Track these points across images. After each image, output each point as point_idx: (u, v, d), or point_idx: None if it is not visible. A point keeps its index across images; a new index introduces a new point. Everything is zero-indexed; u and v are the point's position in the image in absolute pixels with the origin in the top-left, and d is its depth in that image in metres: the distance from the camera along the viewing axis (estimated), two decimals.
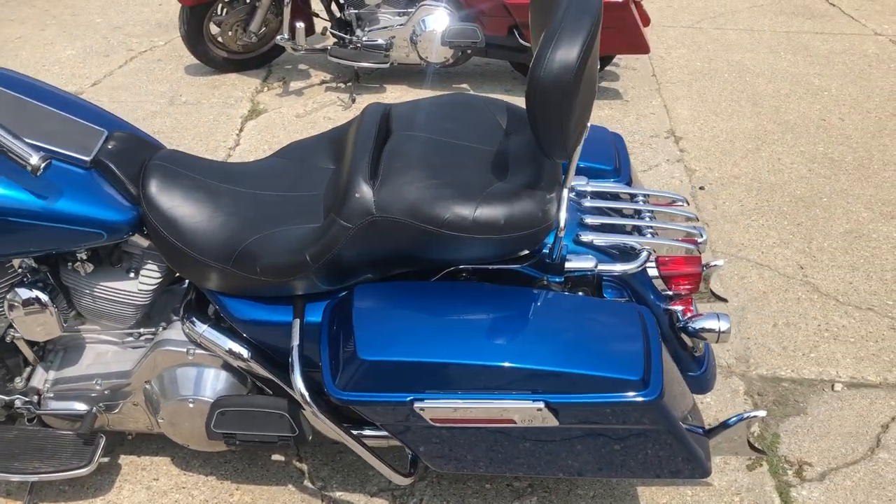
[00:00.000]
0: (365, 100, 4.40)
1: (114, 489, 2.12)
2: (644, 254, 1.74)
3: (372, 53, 4.36)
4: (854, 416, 2.44)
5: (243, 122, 4.16)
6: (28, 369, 2.01)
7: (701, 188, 3.63)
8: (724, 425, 1.89)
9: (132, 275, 1.86)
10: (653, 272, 1.84)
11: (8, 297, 1.78)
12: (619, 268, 1.72)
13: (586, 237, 1.75)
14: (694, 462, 1.73)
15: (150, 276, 1.86)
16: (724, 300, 2.35)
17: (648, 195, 1.92)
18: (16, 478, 1.87)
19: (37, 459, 1.90)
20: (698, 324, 1.82)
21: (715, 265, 2.19)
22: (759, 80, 4.80)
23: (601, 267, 1.72)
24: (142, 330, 1.95)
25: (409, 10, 4.31)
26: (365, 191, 1.59)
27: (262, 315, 1.75)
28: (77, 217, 1.68)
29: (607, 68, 4.79)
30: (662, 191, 1.98)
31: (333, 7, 4.44)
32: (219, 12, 4.42)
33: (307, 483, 2.15)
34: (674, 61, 5.05)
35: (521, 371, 1.54)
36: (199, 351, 1.85)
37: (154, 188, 1.73)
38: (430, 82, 4.60)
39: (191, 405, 1.86)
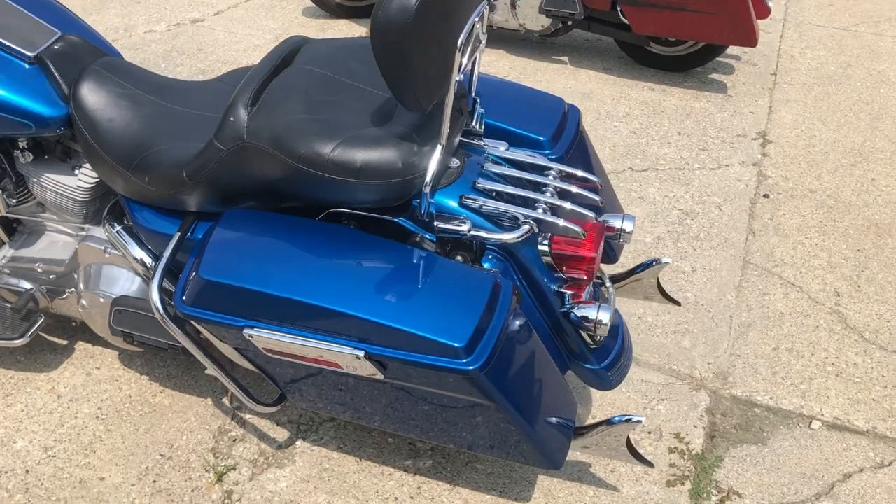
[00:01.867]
0: None
1: (59, 368, 2.32)
2: (525, 227, 1.67)
3: None
4: (819, 458, 2.22)
5: None
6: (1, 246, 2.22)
7: (765, 196, 3.36)
8: (608, 423, 1.79)
9: (76, 172, 2.01)
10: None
11: None
12: (492, 235, 1.66)
13: (472, 200, 1.70)
14: (538, 451, 1.66)
15: (88, 175, 1.99)
16: (677, 303, 2.21)
17: (564, 172, 1.82)
18: None
19: None
20: (577, 311, 1.73)
21: (664, 262, 2.06)
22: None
23: (474, 232, 1.66)
24: (90, 225, 2.10)
25: None
26: (241, 116, 1.63)
27: (155, 224, 1.84)
28: (7, 105, 1.83)
29: (720, 59, 4.51)
30: (583, 172, 1.86)
31: None
32: None
33: (225, 401, 2.25)
34: (805, 62, 4.65)
35: (345, 316, 1.54)
36: (113, 251, 1.97)
37: (83, 90, 1.85)
38: (529, 50, 4.53)
39: (101, 300, 1.99)
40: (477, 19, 1.55)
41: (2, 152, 2.01)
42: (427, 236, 1.71)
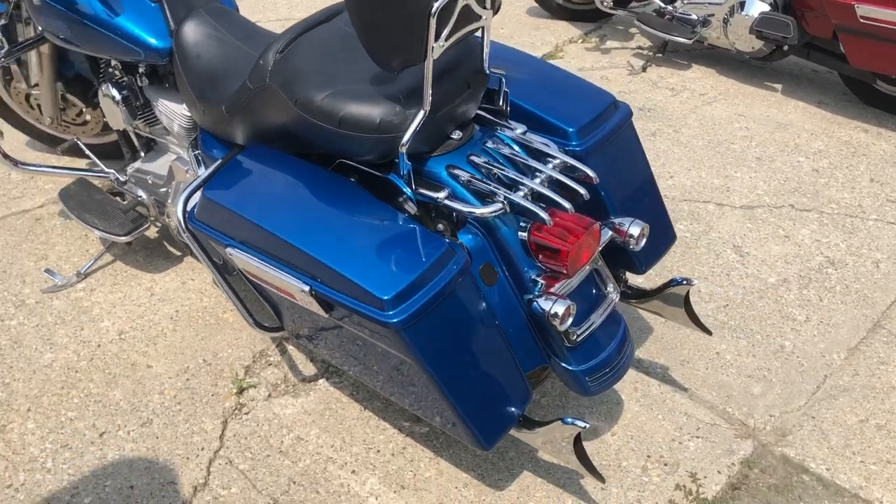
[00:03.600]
0: (661, 72, 4.28)
1: (163, 272, 2.68)
2: (497, 205, 1.67)
3: (680, 27, 4.20)
4: None
5: None
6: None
7: None
8: (561, 421, 1.74)
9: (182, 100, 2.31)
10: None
11: (102, 87, 2.37)
12: (463, 208, 1.69)
13: (459, 172, 1.73)
14: (465, 426, 1.66)
15: None
16: (708, 332, 2.05)
17: (566, 164, 1.78)
18: (76, 222, 2.51)
19: (98, 218, 2.50)
20: (538, 301, 1.70)
21: (692, 283, 1.94)
22: None
23: (448, 201, 1.70)
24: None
25: None
26: (269, 60, 1.80)
27: (212, 151, 2.08)
28: (124, 33, 2.16)
29: None
30: (585, 167, 1.79)
31: None
32: None
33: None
34: None
35: (300, 252, 1.65)
36: (192, 172, 2.25)
37: (184, 27, 2.14)
38: (741, 73, 4.28)
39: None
40: None
41: (133, 76, 2.37)
42: (412, 199, 1.77)
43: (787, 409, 2.29)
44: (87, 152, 2.63)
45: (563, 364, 1.82)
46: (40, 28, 2.38)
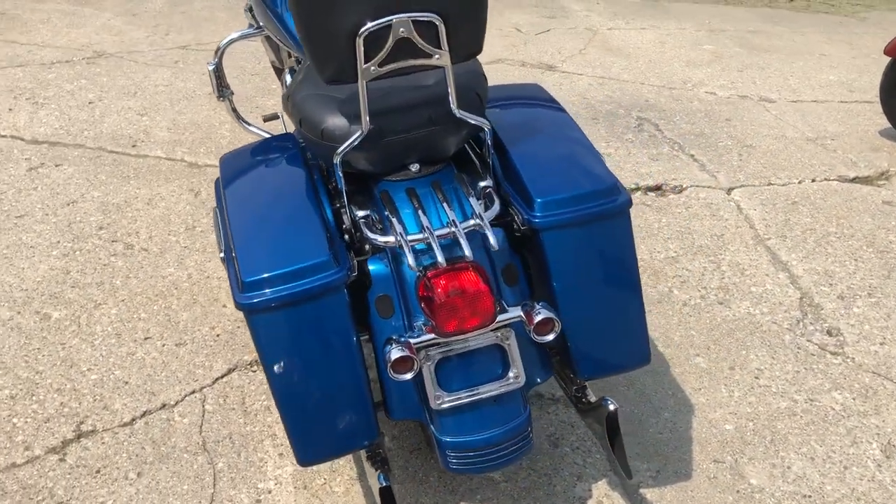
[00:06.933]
0: None
1: None
2: (390, 238, 1.66)
3: None
4: None
5: (837, 182, 3.85)
6: None
7: None
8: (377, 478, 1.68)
9: None
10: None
11: (283, 73, 2.78)
12: (366, 231, 1.69)
13: (388, 201, 1.74)
14: (288, 432, 1.69)
15: None
16: (629, 476, 1.75)
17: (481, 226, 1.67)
18: None
19: None
20: (390, 343, 1.64)
21: (611, 408, 1.71)
22: None
23: (361, 222, 1.72)
24: None
25: None
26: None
27: None
28: (288, 27, 2.51)
29: None
30: (491, 233, 1.65)
31: None
32: None
33: None
34: None
35: (225, 221, 1.79)
36: None
37: None
38: None
39: None
40: (398, 20, 1.53)
41: None
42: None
43: None
44: (284, 124, 3.05)
45: (431, 426, 1.71)
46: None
